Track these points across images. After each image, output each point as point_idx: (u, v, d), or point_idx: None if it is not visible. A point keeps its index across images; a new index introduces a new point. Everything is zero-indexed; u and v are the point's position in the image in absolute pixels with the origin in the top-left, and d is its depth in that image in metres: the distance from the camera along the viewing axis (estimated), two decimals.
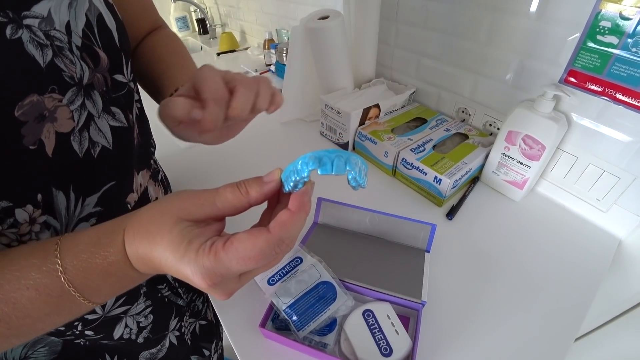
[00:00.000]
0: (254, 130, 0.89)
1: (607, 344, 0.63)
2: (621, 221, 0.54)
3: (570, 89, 0.52)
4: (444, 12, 0.66)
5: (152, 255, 0.24)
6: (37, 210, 0.30)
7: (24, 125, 0.27)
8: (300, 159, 0.24)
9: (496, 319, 0.45)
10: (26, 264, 0.25)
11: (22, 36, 0.26)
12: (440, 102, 0.78)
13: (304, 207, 0.25)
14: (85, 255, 0.25)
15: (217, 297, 0.26)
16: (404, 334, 0.41)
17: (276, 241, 0.24)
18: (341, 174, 0.24)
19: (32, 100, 0.27)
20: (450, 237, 0.56)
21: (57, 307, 0.26)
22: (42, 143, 0.29)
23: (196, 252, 0.23)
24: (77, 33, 0.31)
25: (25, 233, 0.30)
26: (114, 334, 0.45)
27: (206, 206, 0.25)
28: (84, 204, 0.35)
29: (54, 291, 0.25)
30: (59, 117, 0.30)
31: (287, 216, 0.24)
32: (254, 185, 0.26)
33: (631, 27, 0.43)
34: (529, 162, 0.56)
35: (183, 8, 1.94)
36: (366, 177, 0.26)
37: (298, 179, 0.24)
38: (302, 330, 0.41)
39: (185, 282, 0.25)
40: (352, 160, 0.24)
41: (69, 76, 0.30)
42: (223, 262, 0.23)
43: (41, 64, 0.28)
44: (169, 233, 0.24)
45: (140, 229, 0.25)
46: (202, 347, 0.64)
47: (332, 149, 0.24)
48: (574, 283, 0.49)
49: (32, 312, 0.25)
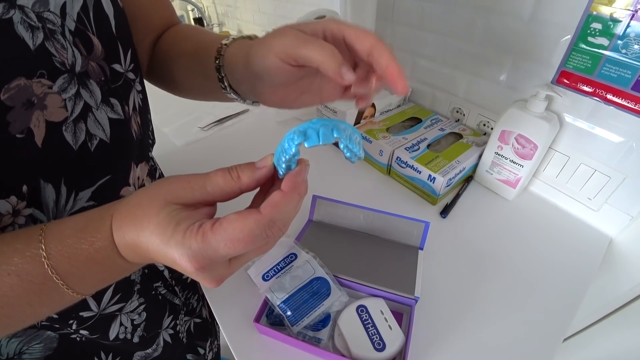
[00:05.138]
0: (250, 129, 0.89)
1: (596, 343, 0.64)
2: (612, 220, 0.55)
3: (562, 90, 0.53)
4: (439, 13, 0.67)
5: (140, 241, 0.24)
6: (21, 202, 0.29)
7: (10, 110, 0.25)
8: (285, 136, 0.23)
9: (487, 316, 0.46)
10: (8, 249, 0.24)
11: (14, 17, 0.25)
12: (435, 102, 0.78)
13: (297, 187, 0.24)
14: (71, 240, 0.24)
15: (206, 283, 0.25)
16: (397, 329, 0.41)
17: (267, 222, 0.23)
18: (329, 142, 0.23)
19: (19, 84, 0.26)
20: (443, 235, 0.56)
21: (39, 295, 0.24)
22: (31, 132, 0.27)
23: (183, 233, 0.22)
24: (71, 16, 0.30)
25: (8, 225, 0.29)
26: (109, 334, 0.44)
27: (196, 190, 0.24)
28: (77, 198, 0.33)
29: (36, 278, 0.24)
30: (49, 105, 0.28)
31: (279, 197, 0.23)
32: (245, 170, 0.25)
33: (621, 29, 0.44)
34: (522, 161, 0.57)
35: (180, 7, 1.93)
36: (360, 146, 0.24)
37: (288, 158, 0.23)
38: (296, 326, 0.41)
39: (174, 269, 0.24)
40: (340, 127, 0.23)
41: (59, 62, 0.29)
42: (211, 244, 0.22)
43: (30, 46, 0.26)
44: (155, 216, 0.23)
45: (128, 214, 0.24)
46: (197, 346, 0.64)
47: (316, 119, 0.23)
48: (564, 281, 0.50)
49: (13, 300, 0.24)
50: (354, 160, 0.25)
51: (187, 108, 0.97)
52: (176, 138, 0.86)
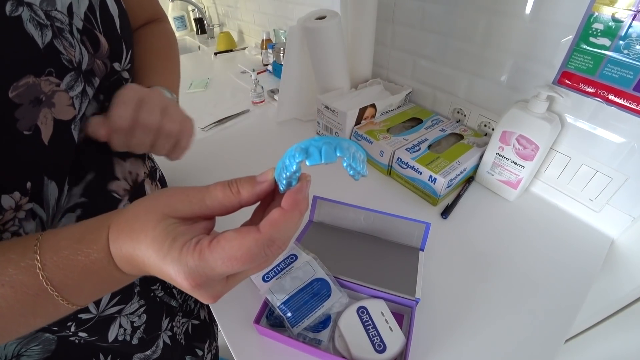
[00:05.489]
0: (250, 130, 0.89)
1: (598, 345, 0.64)
2: (613, 221, 0.55)
3: (564, 90, 0.53)
4: (440, 14, 0.67)
5: (135, 254, 0.23)
6: (24, 198, 0.29)
7: (18, 107, 0.26)
8: (287, 152, 0.23)
9: (488, 317, 0.46)
10: (3, 259, 0.23)
11: (22, 14, 0.25)
12: (436, 103, 0.78)
13: (298, 205, 0.23)
14: (67, 251, 0.24)
15: (202, 299, 0.25)
16: (397, 330, 0.41)
17: (266, 241, 0.22)
18: (332, 161, 0.22)
19: (27, 82, 0.26)
20: (444, 236, 0.56)
21: (33, 307, 0.24)
22: (38, 129, 0.27)
23: (180, 250, 0.22)
24: (79, 16, 0.30)
25: (9, 220, 0.29)
26: (108, 336, 0.44)
27: (194, 203, 0.24)
28: (71, 194, 0.33)
29: (31, 289, 0.23)
30: (57, 103, 0.28)
31: (278, 214, 0.23)
32: (245, 184, 0.24)
33: (623, 30, 0.44)
34: (523, 162, 0.57)
35: (181, 7, 1.94)
36: (364, 164, 0.24)
37: (289, 175, 0.23)
38: (296, 327, 0.41)
39: (172, 284, 0.24)
40: (344, 145, 0.22)
41: (67, 59, 0.29)
42: (208, 262, 0.21)
43: (39, 44, 0.26)
44: (152, 230, 0.22)
45: (125, 226, 0.24)
46: (196, 347, 0.64)
47: (319, 137, 0.22)
48: (566, 282, 0.49)
49: (6, 311, 0.23)
50: (357, 179, 0.24)
51: (187, 108, 0.97)
52: None
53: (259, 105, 1.01)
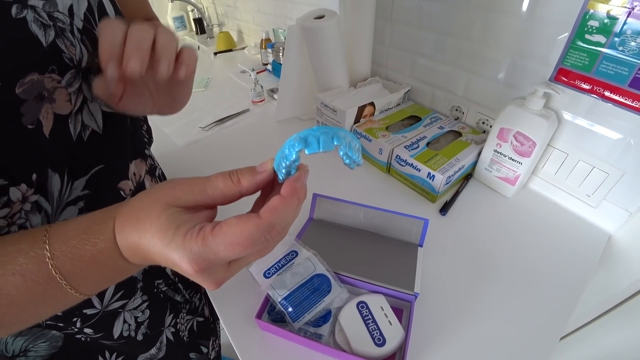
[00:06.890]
0: (250, 129, 0.90)
1: (595, 340, 0.64)
2: (610, 216, 0.55)
3: (560, 87, 0.53)
4: (438, 12, 0.67)
5: (141, 243, 0.24)
6: (30, 190, 0.30)
7: (23, 103, 0.27)
8: (286, 142, 0.24)
9: (486, 312, 0.46)
10: (13, 249, 0.24)
11: (27, 16, 0.27)
12: (435, 101, 0.79)
13: (297, 192, 0.24)
14: (75, 241, 0.25)
15: (205, 285, 0.26)
16: (397, 324, 0.41)
17: (266, 227, 0.23)
18: (329, 149, 0.23)
19: (32, 79, 0.27)
20: (443, 232, 0.57)
21: (43, 295, 0.25)
22: (40, 123, 0.29)
23: (184, 236, 0.23)
24: (79, 16, 0.32)
25: (16, 212, 0.30)
26: (113, 332, 0.44)
27: (196, 193, 0.25)
28: (73, 186, 0.34)
29: (41, 278, 0.24)
30: (57, 99, 0.30)
31: (278, 201, 0.24)
32: (246, 174, 0.25)
33: (618, 26, 0.44)
34: (521, 158, 0.57)
35: (180, 7, 1.94)
36: (359, 153, 0.25)
37: (288, 164, 0.24)
38: (297, 322, 0.42)
39: (176, 271, 0.25)
40: (340, 134, 0.23)
41: (68, 58, 0.30)
42: (211, 247, 0.22)
43: (43, 43, 0.28)
44: (157, 219, 0.23)
45: (130, 217, 0.25)
46: (200, 345, 0.64)
47: (317, 127, 0.23)
48: (563, 277, 0.50)
49: (17, 299, 0.24)
50: (352, 167, 0.26)
51: (188, 108, 0.96)
52: (177, 138, 0.86)
53: (258, 104, 1.02)
